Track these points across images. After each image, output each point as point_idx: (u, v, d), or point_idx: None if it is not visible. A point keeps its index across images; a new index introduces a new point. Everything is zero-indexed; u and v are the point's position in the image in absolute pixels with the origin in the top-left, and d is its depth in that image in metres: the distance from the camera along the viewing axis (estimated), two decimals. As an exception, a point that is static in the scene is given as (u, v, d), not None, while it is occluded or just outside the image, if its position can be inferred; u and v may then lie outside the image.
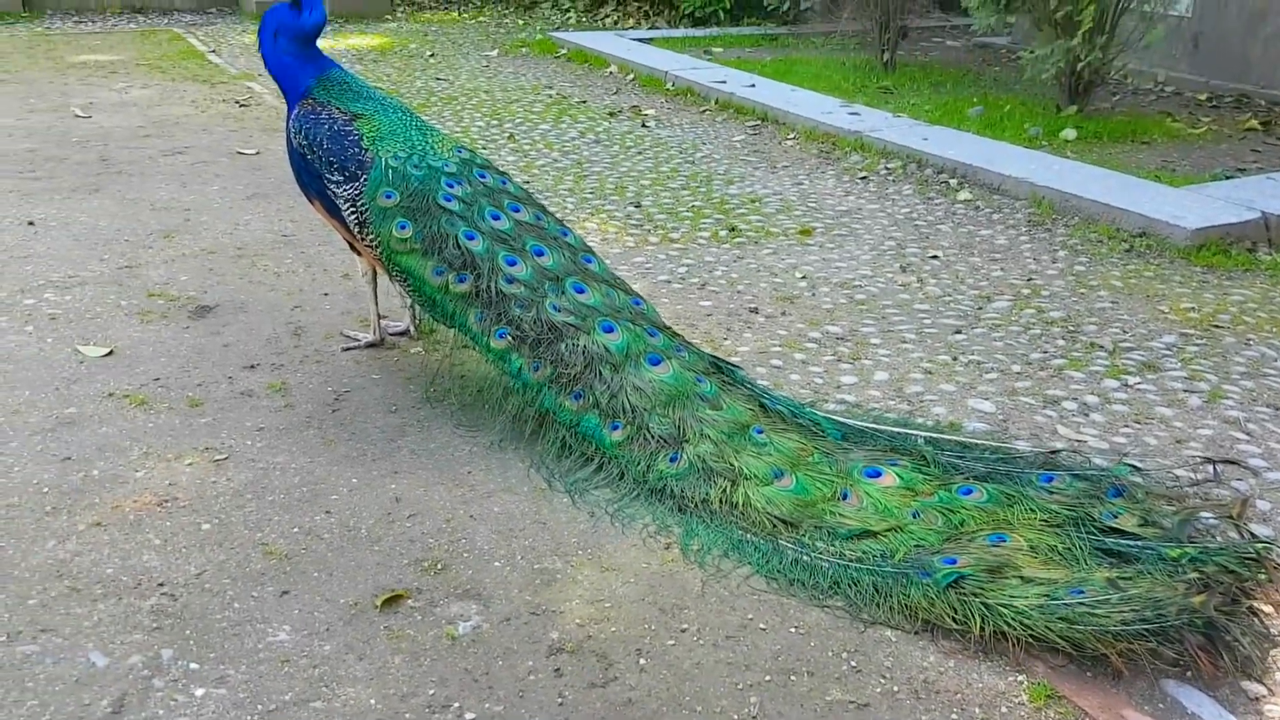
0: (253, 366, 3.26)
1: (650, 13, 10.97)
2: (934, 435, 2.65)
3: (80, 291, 3.78)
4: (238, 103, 6.94)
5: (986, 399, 3.14)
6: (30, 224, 4.47)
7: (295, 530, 2.45)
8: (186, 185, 5.10)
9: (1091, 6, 5.99)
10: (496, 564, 2.35)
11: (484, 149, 5.84)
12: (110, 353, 3.32)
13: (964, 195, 5.17)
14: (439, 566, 2.33)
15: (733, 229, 4.68)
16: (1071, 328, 3.67)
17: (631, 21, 10.90)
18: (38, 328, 3.48)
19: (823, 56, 8.73)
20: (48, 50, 8.72)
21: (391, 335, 3.46)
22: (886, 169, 5.62)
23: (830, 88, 7.38)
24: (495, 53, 9.38)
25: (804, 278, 4.12)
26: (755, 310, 3.80)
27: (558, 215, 4.64)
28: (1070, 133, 6.05)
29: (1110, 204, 4.71)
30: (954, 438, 2.67)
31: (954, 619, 2.15)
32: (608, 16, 11.15)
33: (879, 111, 6.61)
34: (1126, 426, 3.00)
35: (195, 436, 2.84)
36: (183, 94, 7.18)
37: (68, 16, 10.60)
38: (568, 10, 11.59)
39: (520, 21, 11.44)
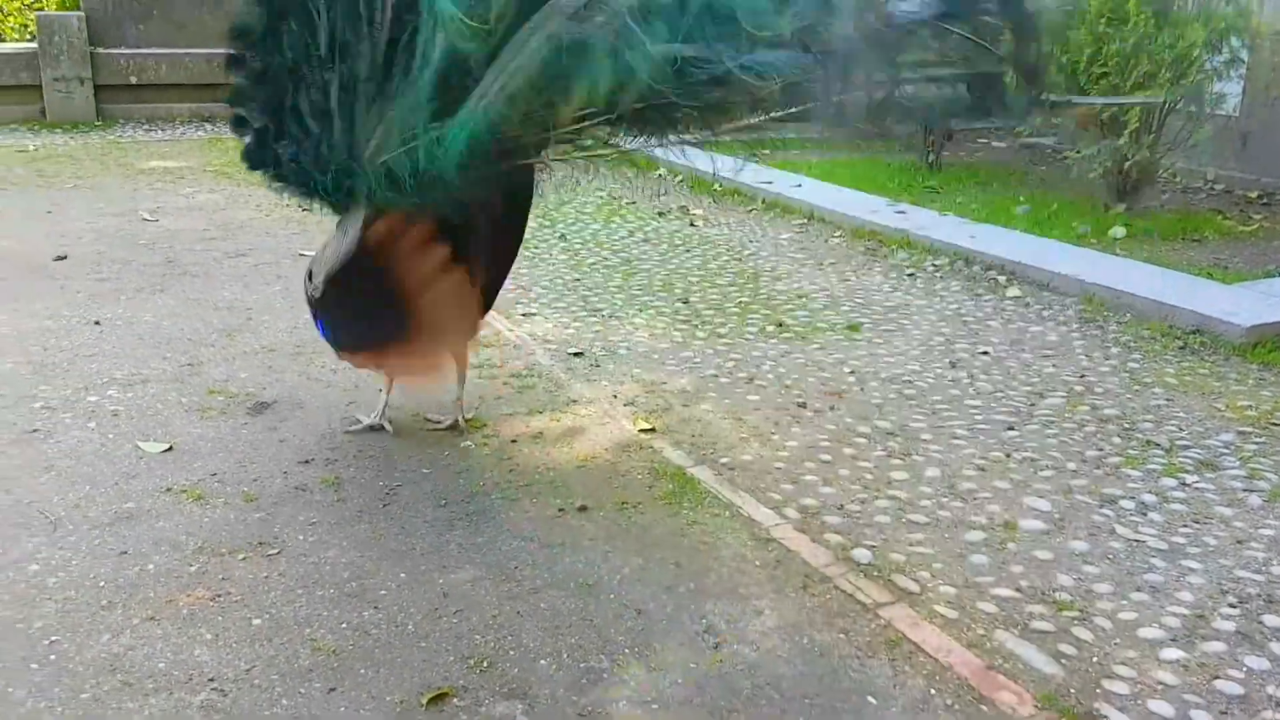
0: (307, 461, 3.31)
1: (698, 117, 11.21)
2: None
3: (143, 389, 3.88)
4: (301, 207, 7.16)
5: (1042, 497, 3.10)
6: (97, 323, 4.61)
7: (344, 626, 2.45)
8: (249, 286, 5.25)
9: (1137, 107, 6.03)
10: (543, 662, 2.33)
11: (536, 248, 5.96)
12: (170, 448, 3.39)
13: (1013, 292, 5.16)
14: (485, 664, 2.32)
15: (780, 324, 4.71)
16: (1127, 425, 3.62)
17: (680, 125, 11.14)
18: (100, 424, 3.57)
19: (868, 157, 8.85)
20: (119, 157, 9.10)
21: (436, 430, 3.50)
22: (934, 266, 5.64)
23: (876, 187, 7.47)
24: (547, 156, 9.61)
25: (852, 373, 4.12)
26: (803, 405, 3.79)
27: (605, 311, 4.71)
28: (1119, 230, 6.05)
29: (1162, 301, 4.68)
30: None
31: None
32: (657, 121, 11.41)
33: (925, 210, 6.67)
34: (1185, 526, 2.93)
35: (249, 531, 2.88)
36: (247, 198, 7.43)
37: (139, 125, 11.07)
38: (618, 115, 11.88)
39: (571, 126, 11.74)
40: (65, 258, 5.69)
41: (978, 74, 2.71)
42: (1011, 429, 3.60)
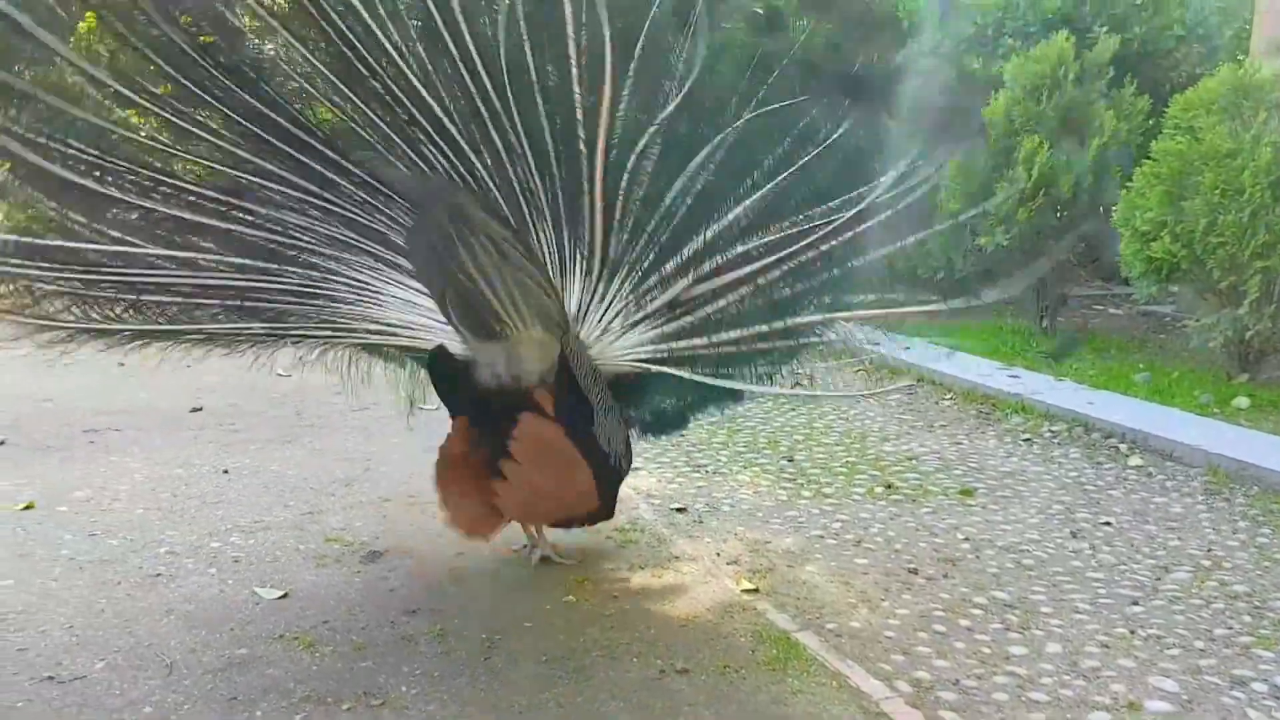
0: (414, 611, 3.35)
1: (807, 281, 11.37)
2: None
3: (264, 536, 4.01)
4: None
5: (1168, 677, 2.93)
6: (225, 472, 4.82)
7: (442, 781, 2.44)
8: (370, 438, 5.43)
9: (1257, 277, 5.92)
10: (641, 829, 2.27)
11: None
12: (285, 595, 3.48)
13: (1135, 461, 5.00)
14: (583, 828, 2.27)
15: (889, 486, 4.64)
16: (1257, 603, 3.43)
17: (789, 289, 11.30)
18: (220, 569, 3.69)
19: (979, 321, 8.80)
20: (257, 316, 9.62)
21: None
22: (1050, 432, 5.52)
23: (988, 351, 7.40)
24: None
25: (966, 539, 4.01)
26: (914, 571, 3.70)
27: (709, 467, 4.74)
28: (1243, 401, 5.85)
29: (1293, 474, 4.48)
30: None
31: None
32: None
33: (1040, 375, 6.57)
34: (1331, 714, 2.73)
35: (356, 680, 2.91)
36: (370, 355, 7.75)
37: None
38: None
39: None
40: (200, 409, 6.00)
41: None
42: (1136, 604, 3.44)
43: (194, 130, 3.06)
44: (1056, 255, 6.56)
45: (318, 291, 3.31)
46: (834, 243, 3.21)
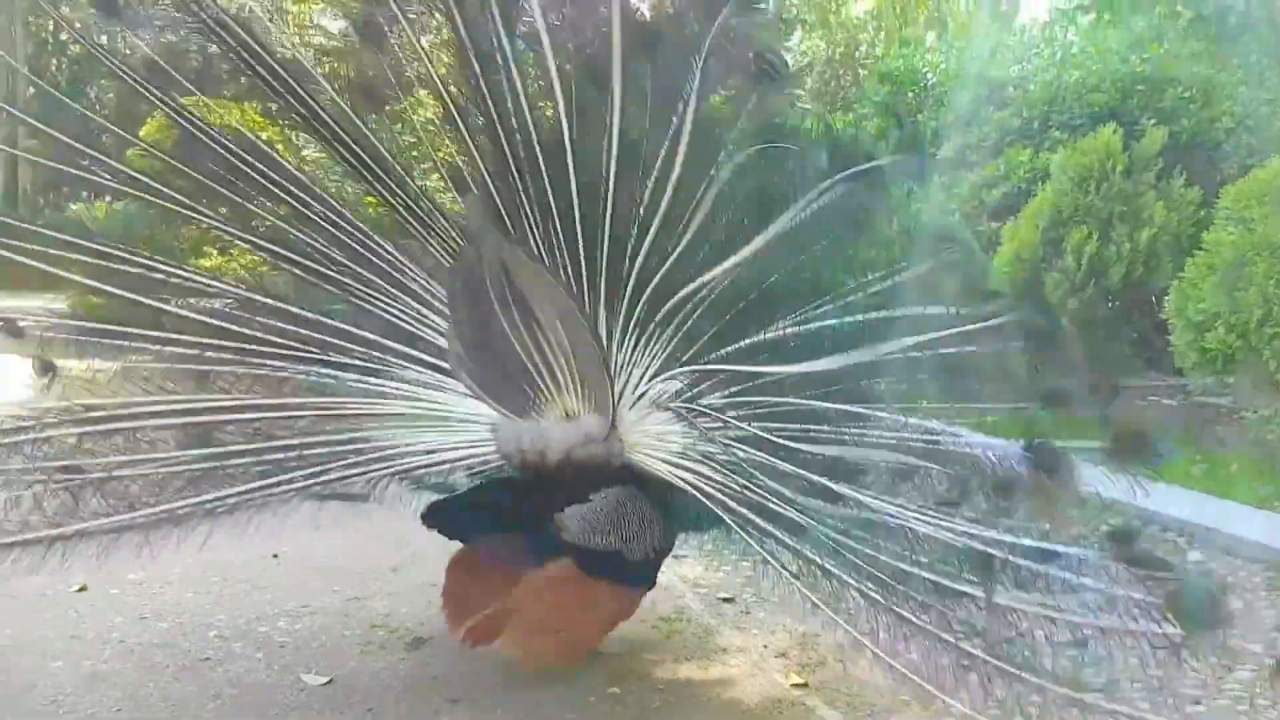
0: (457, 700, 3.33)
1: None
2: None
3: (310, 620, 4.02)
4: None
5: (1235, 781, 2.82)
6: (275, 556, 4.85)
7: None
8: (417, 523, 5.43)
9: (1315, 365, 5.83)
10: None
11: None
12: (330, 681, 3.47)
13: (1194, 556, 4.88)
14: None
15: (941, 582, 4.55)
16: (1329, 705, 3.31)
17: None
18: (267, 654, 3.70)
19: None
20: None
21: None
22: (1108, 525, 5.39)
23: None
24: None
25: (1021, 634, 3.91)
26: (968, 666, 3.61)
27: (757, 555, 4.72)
28: (1306, 494, 5.71)
29: (1360, 571, 4.34)
30: None
31: None
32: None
33: (1095, 467, 6.44)
34: None
35: (398, 769, 2.89)
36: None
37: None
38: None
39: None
40: (252, 493, 6.07)
41: None
42: (1198, 703, 3.33)
43: None
44: None
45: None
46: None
